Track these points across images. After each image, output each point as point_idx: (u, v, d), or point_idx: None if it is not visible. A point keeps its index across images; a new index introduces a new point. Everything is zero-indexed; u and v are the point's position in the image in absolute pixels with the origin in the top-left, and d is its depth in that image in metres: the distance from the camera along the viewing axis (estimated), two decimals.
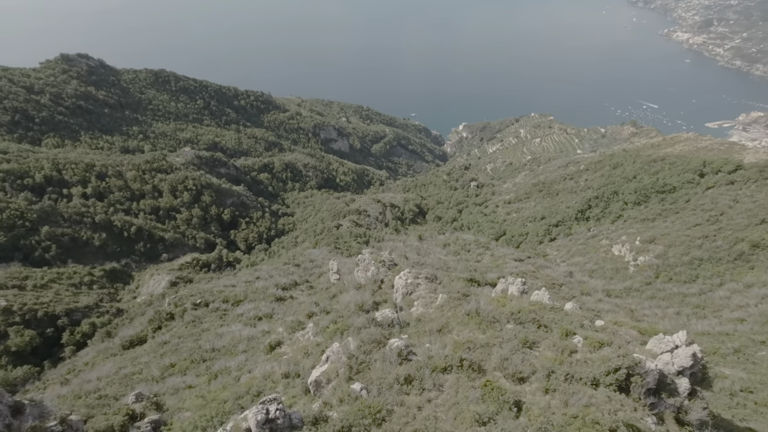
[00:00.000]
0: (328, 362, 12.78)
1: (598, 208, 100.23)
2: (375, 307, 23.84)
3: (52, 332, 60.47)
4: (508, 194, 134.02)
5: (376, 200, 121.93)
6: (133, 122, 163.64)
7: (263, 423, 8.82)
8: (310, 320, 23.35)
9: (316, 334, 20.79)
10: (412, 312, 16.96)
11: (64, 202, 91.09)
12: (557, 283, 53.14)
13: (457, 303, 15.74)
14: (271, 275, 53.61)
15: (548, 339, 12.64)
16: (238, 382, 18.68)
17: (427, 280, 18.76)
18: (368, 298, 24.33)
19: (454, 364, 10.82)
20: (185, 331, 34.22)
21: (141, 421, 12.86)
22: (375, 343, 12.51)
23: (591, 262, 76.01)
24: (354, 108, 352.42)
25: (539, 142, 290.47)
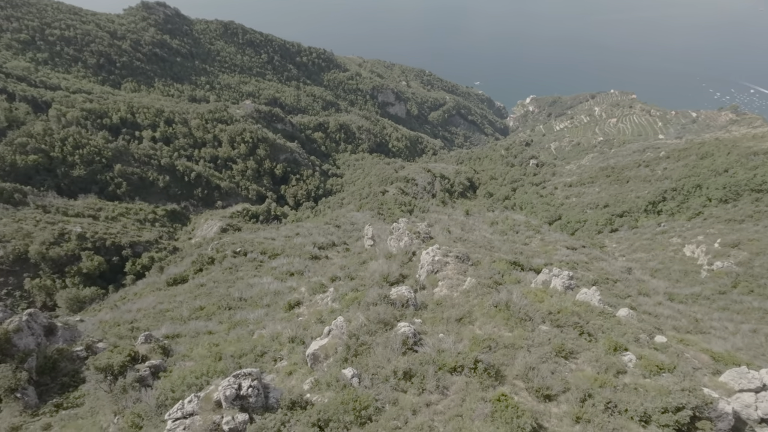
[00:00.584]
0: (330, 336, 11.58)
1: (674, 202, 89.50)
2: (401, 280, 22.34)
3: (117, 261, 66.82)
4: (571, 176, 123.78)
5: (426, 169, 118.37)
6: (202, 72, 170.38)
7: (233, 399, 7.85)
8: (333, 284, 22.49)
9: (334, 299, 19.85)
10: (434, 293, 15.19)
11: (135, 144, 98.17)
12: (611, 279, 48.39)
13: (487, 290, 13.68)
14: (311, 233, 54.08)
15: (590, 351, 10.33)
16: (252, 336, 18.41)
17: (457, 260, 16.74)
18: (395, 269, 22.84)
19: (466, 365, 9.05)
20: (221, 277, 35.40)
21: (142, 364, 12.78)
22: (381, 324, 11.03)
23: (655, 261, 68.47)
24: (416, 72, 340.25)
25: (615, 123, 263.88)
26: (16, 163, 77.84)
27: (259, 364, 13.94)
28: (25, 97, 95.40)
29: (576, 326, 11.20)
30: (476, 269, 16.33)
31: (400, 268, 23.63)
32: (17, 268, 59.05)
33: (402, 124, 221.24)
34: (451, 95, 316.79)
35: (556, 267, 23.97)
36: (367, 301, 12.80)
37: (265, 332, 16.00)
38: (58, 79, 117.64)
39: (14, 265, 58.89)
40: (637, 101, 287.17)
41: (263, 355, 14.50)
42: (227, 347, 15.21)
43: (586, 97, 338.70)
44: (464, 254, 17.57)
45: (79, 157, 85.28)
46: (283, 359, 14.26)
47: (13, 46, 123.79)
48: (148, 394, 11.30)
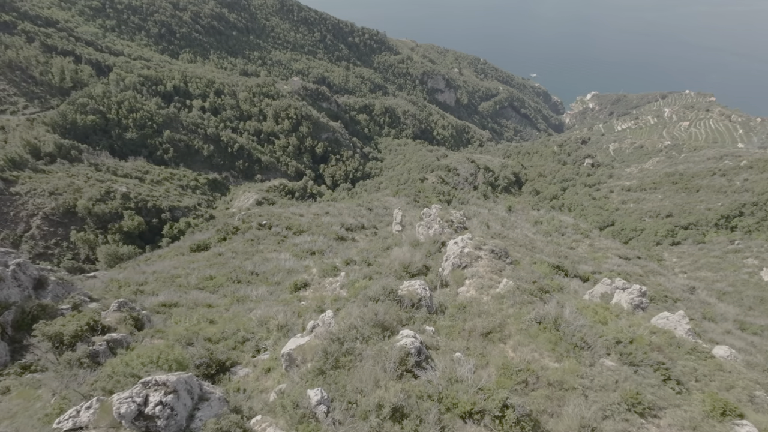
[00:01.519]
0: (312, 334, 8.90)
1: (753, 218, 78.85)
2: (424, 272, 19.25)
3: (156, 223, 68.81)
4: (630, 180, 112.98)
5: (470, 160, 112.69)
6: (255, 47, 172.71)
7: (133, 418, 5.39)
8: (346, 268, 19.87)
9: (343, 286, 17.22)
10: (458, 293, 12.03)
11: (185, 112, 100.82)
12: (671, 297, 42.39)
13: (528, 298, 10.33)
14: (340, 213, 52.00)
15: (681, 410, 6.86)
16: (249, 314, 16.25)
17: (492, 255, 13.40)
18: (419, 259, 19.75)
19: (489, 409, 5.94)
20: (241, 248, 34.09)
21: (98, 336, 10.88)
22: (379, 328, 8.15)
23: (724, 282, 60.18)
24: (470, 59, 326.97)
25: (687, 127, 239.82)
26: (77, 122, 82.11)
27: (237, 353, 11.58)
28: (90, 60, 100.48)
29: (658, 367, 7.70)
30: (515, 269, 12.90)
31: (425, 259, 20.48)
32: (66, 221, 62.24)
33: (450, 112, 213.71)
34: (504, 86, 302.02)
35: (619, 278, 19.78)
36: (367, 294, 9.92)
37: (255, 314, 13.66)
38: (122, 45, 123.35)
39: (63, 218, 62.10)
40: (716, 104, 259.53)
41: (245, 342, 12.15)
42: (207, 328, 13.02)
43: (655, 96, 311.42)
44: (502, 249, 14.15)
45: (132, 121, 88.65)
46: (267, 350, 11.82)
47: (85, 12, 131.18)
48: (92, 376, 9.26)
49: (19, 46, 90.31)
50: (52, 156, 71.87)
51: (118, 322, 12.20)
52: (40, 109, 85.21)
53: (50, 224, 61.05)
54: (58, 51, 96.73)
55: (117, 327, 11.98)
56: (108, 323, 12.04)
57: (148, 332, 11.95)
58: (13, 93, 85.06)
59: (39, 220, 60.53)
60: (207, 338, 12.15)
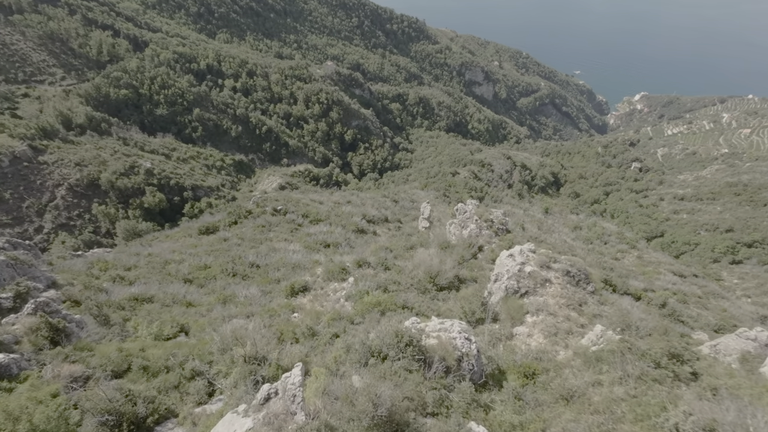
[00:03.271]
0: (265, 410, 4.93)
1: None
2: (455, 286, 14.95)
3: (178, 201, 67.61)
4: (684, 188, 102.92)
5: (506, 156, 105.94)
6: (292, 31, 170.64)
7: None
8: (357, 271, 15.87)
9: (349, 297, 13.23)
10: (514, 335, 7.77)
11: (216, 91, 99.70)
12: (735, 324, 35.92)
13: (651, 372, 5.88)
14: (363, 203, 48.17)
15: None
16: (221, 326, 12.61)
17: (567, 279, 9.00)
18: (450, 267, 15.46)
19: None
20: (250, 234, 30.90)
21: None
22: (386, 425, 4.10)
23: None
24: (511, 53, 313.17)
25: (748, 134, 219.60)
26: (110, 96, 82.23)
27: (176, 398, 7.82)
28: (128, 35, 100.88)
29: None
30: (602, 302, 8.39)
31: (458, 267, 16.12)
32: (90, 193, 61.85)
33: (486, 106, 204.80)
34: (546, 82, 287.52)
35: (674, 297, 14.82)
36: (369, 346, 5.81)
37: (223, 331, 9.92)
38: (161, 22, 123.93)
39: (87, 190, 61.71)
40: None
41: (194, 378, 8.39)
42: (151, 349, 9.37)
43: (713, 100, 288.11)
44: (581, 271, 9.66)
45: (163, 97, 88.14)
46: (222, 394, 8.03)
47: None
48: None
49: (61, 18, 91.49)
50: (82, 128, 71.94)
51: (26, 331, 8.79)
52: (77, 81, 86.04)
53: (74, 195, 60.79)
54: (98, 24, 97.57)
55: (22, 338, 8.55)
56: (14, 332, 8.61)
57: (64, 351, 8.51)
58: (53, 64, 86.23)
59: (64, 190, 60.36)
60: (144, 367, 8.49)
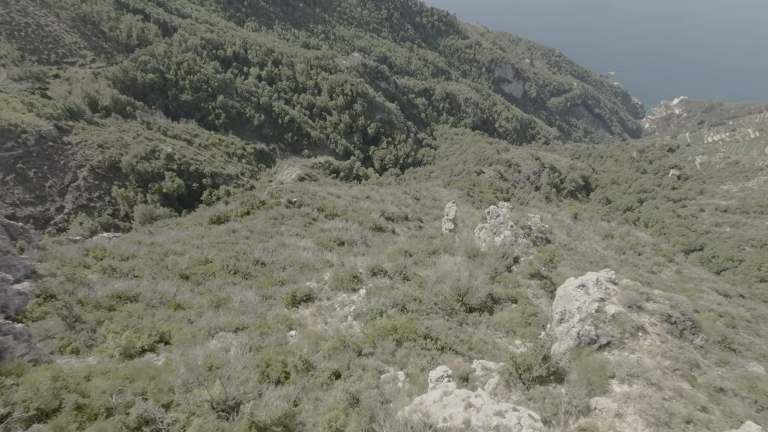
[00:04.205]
0: None
1: None
2: (490, 306, 12.39)
3: (197, 187, 67.07)
4: (727, 200, 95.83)
5: (535, 157, 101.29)
6: (320, 21, 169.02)
7: None
8: (372, 280, 13.48)
9: (358, 315, 10.91)
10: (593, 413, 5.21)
11: (241, 79, 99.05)
12: None
13: None
14: (383, 199, 45.77)
15: None
16: (207, 338, 10.48)
17: (667, 324, 6.23)
18: (482, 281, 12.90)
19: None
20: (260, 226, 29.02)
21: None
22: None
23: None
24: (543, 50, 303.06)
25: None
26: (136, 79, 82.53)
27: None
28: (158, 20, 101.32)
29: None
30: (719, 361, 5.72)
31: (491, 283, 13.49)
32: (111, 175, 61.89)
33: (515, 104, 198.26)
34: (579, 82, 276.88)
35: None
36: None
37: (193, 355, 7.73)
38: (191, 9, 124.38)
39: (108, 172, 61.76)
40: None
41: (138, 430, 6.18)
42: (97, 380, 7.25)
43: (759, 107, 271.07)
44: (685, 314, 6.88)
45: (188, 83, 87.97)
46: None
47: None
48: None
49: (94, 0, 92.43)
50: (107, 110, 72.25)
51: None
52: (106, 63, 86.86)
53: (95, 177, 60.92)
54: (129, 8, 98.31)
55: None
56: None
57: None
58: (84, 46, 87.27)
59: (86, 171, 60.55)
60: (79, 406, 6.37)
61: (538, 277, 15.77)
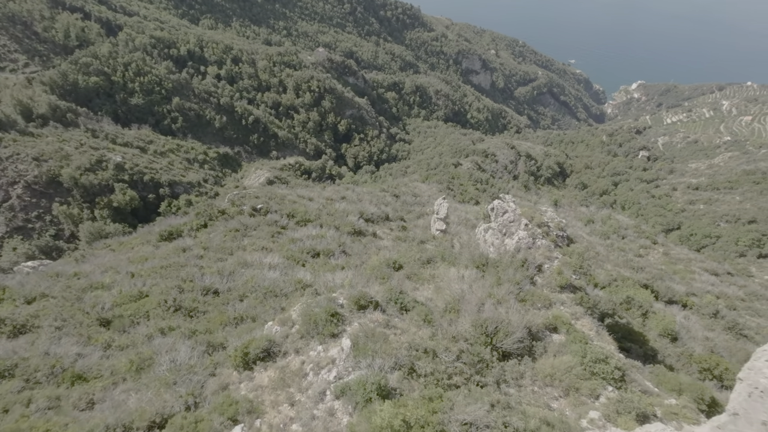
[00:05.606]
0: None
1: None
2: (529, 349, 8.71)
3: (153, 199, 60.79)
4: (697, 177, 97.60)
5: (510, 146, 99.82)
6: (281, 17, 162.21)
7: None
8: (358, 319, 9.57)
9: (342, 392, 6.93)
10: None
11: (198, 79, 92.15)
12: None
13: None
14: (360, 199, 41.82)
15: None
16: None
17: None
18: (513, 310, 9.16)
19: None
20: (218, 242, 24.50)
21: None
22: None
23: None
24: (507, 41, 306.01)
25: (749, 122, 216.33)
26: (78, 84, 74.61)
27: None
28: (100, 18, 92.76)
29: None
30: None
31: (524, 311, 9.79)
32: (50, 191, 54.78)
33: (484, 95, 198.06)
34: (544, 71, 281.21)
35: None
36: None
37: None
38: (138, 6, 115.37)
39: (48, 187, 54.63)
40: None
41: None
42: None
43: (711, 87, 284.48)
44: None
45: (139, 85, 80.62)
46: None
47: None
48: None
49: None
50: (44, 118, 64.54)
51: None
52: (42, 68, 78.23)
53: (32, 194, 53.72)
54: (66, 6, 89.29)
55: None
56: None
57: None
58: (14, 49, 78.24)
59: (20, 189, 53.26)
60: None
61: (570, 289, 12.32)
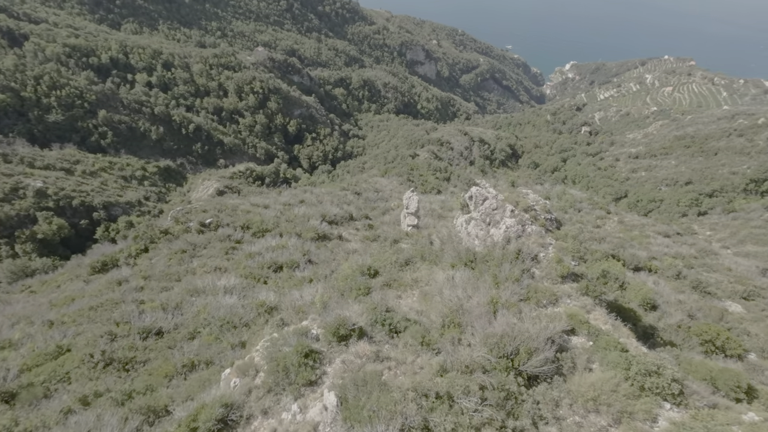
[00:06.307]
0: None
1: None
2: (559, 368, 6.99)
3: (87, 225, 54.33)
4: (636, 147, 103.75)
5: (463, 132, 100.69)
6: (213, 17, 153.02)
7: None
8: (337, 355, 7.53)
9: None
10: None
11: (126, 88, 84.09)
12: (753, 287, 32.47)
13: None
14: (320, 201, 39.30)
15: None
16: None
17: None
18: (528, 318, 7.46)
19: None
20: (162, 267, 21.26)
21: None
22: None
23: None
24: (447, 31, 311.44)
25: (671, 92, 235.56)
26: None
27: None
28: (0, 28, 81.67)
29: None
30: None
31: (536, 315, 8.10)
32: None
33: (431, 85, 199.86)
34: (485, 57, 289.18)
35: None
36: None
37: None
38: (47, 13, 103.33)
39: None
40: (696, 68, 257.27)
41: None
42: None
43: (635, 63, 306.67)
44: None
45: (56, 100, 71.97)
46: None
47: None
48: None
49: None
50: None
51: None
52: None
53: None
54: None
55: None
56: None
57: None
58: None
59: None
60: None
61: (572, 278, 10.98)
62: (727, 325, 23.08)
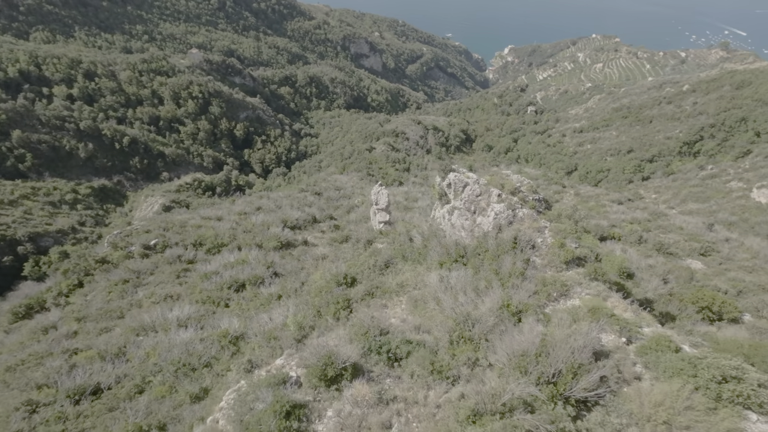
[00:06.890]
0: None
1: (714, 141, 76.47)
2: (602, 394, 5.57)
3: (11, 261, 47.75)
4: (578, 121, 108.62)
5: (417, 122, 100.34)
6: (137, 20, 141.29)
7: None
8: (328, 406, 5.84)
9: None
10: None
11: (42, 103, 75.12)
12: (707, 243, 34.21)
13: None
14: (279, 206, 36.67)
15: None
16: None
17: None
18: (557, 326, 6.01)
19: None
20: (100, 304, 18.19)
21: None
22: None
23: (723, 211, 55.09)
24: (388, 22, 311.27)
25: (601, 68, 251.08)
26: None
27: None
28: None
29: None
30: None
31: (564, 322, 6.69)
32: None
33: (378, 77, 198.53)
34: (428, 47, 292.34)
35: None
36: None
37: None
38: None
39: None
40: (621, 44, 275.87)
41: None
42: None
43: (567, 43, 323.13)
44: None
45: None
46: None
47: None
48: None
49: None
50: None
51: None
52: None
53: None
54: None
55: None
56: None
57: None
58: None
59: None
60: None
61: (576, 263, 9.88)
62: (699, 283, 23.72)
